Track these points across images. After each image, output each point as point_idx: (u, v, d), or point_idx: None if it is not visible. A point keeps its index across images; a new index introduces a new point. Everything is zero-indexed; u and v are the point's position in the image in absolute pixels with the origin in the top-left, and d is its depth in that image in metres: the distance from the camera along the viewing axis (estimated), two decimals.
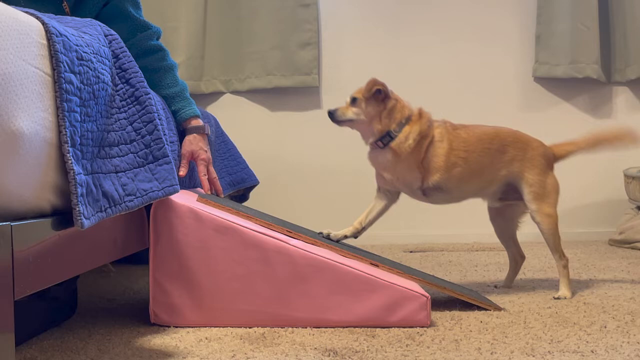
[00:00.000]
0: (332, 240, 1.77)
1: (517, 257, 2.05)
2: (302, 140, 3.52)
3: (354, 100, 1.86)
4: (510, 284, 2.03)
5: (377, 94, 1.83)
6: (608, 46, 3.43)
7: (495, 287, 2.03)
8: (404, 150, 1.81)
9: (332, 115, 1.87)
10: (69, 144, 1.01)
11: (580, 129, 3.43)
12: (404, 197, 1.93)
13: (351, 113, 1.85)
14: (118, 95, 1.25)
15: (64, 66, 1.02)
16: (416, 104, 1.90)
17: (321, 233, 1.80)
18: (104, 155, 1.16)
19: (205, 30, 3.48)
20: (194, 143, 1.85)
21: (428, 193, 1.86)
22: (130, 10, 1.86)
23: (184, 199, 1.55)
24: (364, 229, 1.89)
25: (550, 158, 1.94)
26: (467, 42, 3.49)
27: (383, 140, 1.83)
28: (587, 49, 3.33)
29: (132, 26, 1.87)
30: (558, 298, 1.82)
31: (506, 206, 1.99)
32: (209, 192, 1.88)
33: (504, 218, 2.03)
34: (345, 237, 1.83)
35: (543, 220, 1.87)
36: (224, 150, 2.53)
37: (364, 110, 1.84)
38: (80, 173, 1.03)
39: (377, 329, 1.49)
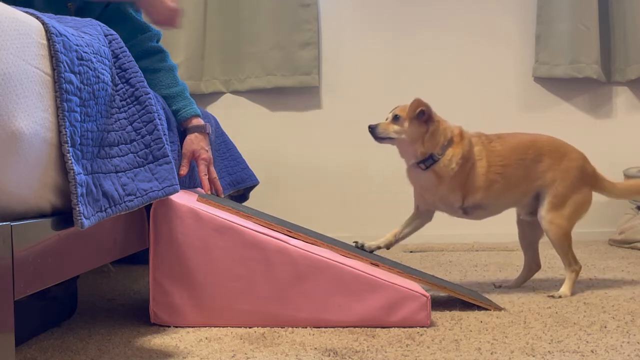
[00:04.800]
0: (365, 250, 1.78)
1: (532, 265, 2.03)
2: (302, 140, 3.52)
3: (396, 118, 1.83)
4: (516, 286, 2.02)
5: (421, 116, 1.80)
6: (608, 46, 3.43)
7: (499, 286, 2.01)
8: (448, 173, 1.80)
9: (373, 130, 1.84)
10: (69, 144, 1.01)
11: (580, 129, 3.46)
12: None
13: (393, 131, 1.83)
14: (118, 95, 1.25)
15: (64, 66, 1.02)
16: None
17: (356, 242, 1.81)
18: (104, 155, 1.16)
19: (205, 30, 3.48)
20: (195, 142, 1.85)
21: (469, 211, 1.86)
22: (130, 12, 1.87)
23: (184, 199, 1.55)
24: (397, 241, 1.90)
25: (589, 174, 1.90)
26: (467, 42, 3.49)
27: (426, 163, 1.81)
28: (587, 49, 3.33)
29: (133, 28, 1.87)
30: (556, 296, 1.82)
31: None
32: (209, 192, 1.87)
33: (530, 224, 1.99)
34: (379, 247, 1.85)
35: (549, 229, 1.85)
36: (224, 150, 2.53)
37: (406, 130, 1.81)
38: (80, 173, 1.03)
39: (377, 329, 1.48)
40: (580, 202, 1.88)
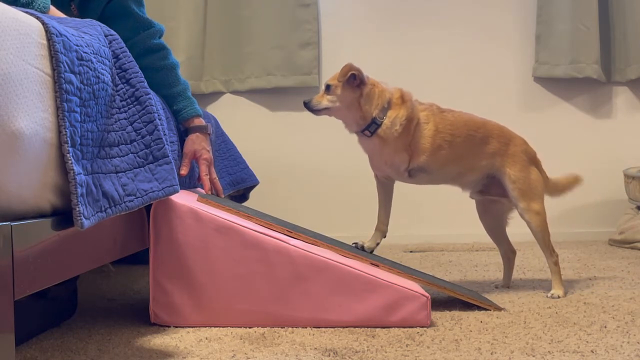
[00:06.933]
0: (365, 251, 1.78)
1: (508, 254, 2.06)
2: (302, 140, 3.51)
3: (327, 88, 1.83)
4: (509, 283, 2.03)
5: (352, 80, 1.79)
6: (608, 46, 3.42)
7: (496, 287, 2.03)
8: (392, 135, 1.79)
9: (307, 105, 1.85)
10: (69, 144, 1.01)
11: (580, 129, 3.47)
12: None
13: (326, 101, 1.82)
14: (118, 95, 1.25)
15: (64, 66, 1.02)
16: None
17: (355, 244, 1.81)
18: (104, 155, 1.16)
19: (205, 30, 3.48)
20: (196, 142, 1.85)
21: (413, 174, 1.85)
22: (133, 8, 1.86)
23: (184, 199, 1.55)
24: (386, 225, 1.90)
25: (532, 155, 1.95)
26: (467, 42, 3.49)
27: (370, 129, 1.80)
28: (587, 49, 3.32)
29: (135, 24, 1.86)
30: (551, 296, 1.83)
31: (493, 202, 2.00)
32: (210, 192, 1.87)
33: (492, 215, 2.04)
34: (378, 244, 1.85)
35: (532, 219, 1.88)
36: (224, 150, 2.53)
37: (338, 97, 1.81)
38: (80, 173, 1.03)
39: (377, 329, 1.49)
40: (539, 180, 1.92)
